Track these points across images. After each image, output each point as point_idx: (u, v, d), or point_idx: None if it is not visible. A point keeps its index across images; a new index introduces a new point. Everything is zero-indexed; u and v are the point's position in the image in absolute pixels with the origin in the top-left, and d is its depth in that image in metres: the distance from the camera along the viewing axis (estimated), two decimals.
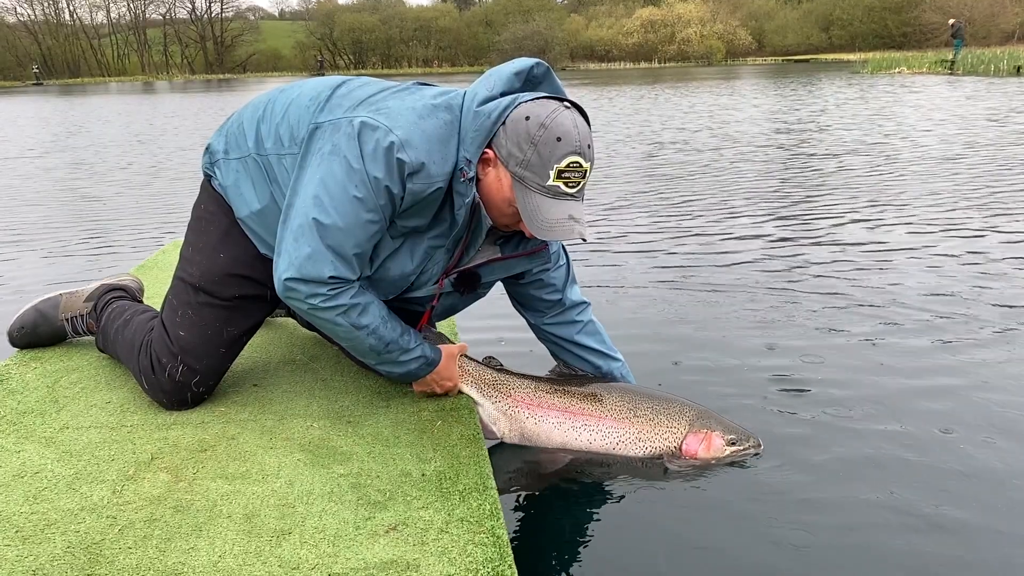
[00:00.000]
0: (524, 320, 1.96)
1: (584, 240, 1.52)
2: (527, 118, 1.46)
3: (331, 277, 1.51)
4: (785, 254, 3.87)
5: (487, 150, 1.51)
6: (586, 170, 1.48)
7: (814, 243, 4.06)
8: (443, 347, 1.78)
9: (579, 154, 1.46)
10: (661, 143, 8.87)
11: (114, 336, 1.97)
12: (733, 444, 1.82)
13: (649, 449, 1.81)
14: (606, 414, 1.82)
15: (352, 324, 1.56)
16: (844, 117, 11.02)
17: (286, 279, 1.52)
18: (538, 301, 1.86)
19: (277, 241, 1.56)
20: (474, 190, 1.53)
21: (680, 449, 1.80)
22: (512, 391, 1.86)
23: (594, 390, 1.87)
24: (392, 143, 1.45)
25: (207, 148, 1.78)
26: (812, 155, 7.39)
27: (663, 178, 6.38)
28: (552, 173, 1.46)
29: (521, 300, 1.90)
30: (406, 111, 1.50)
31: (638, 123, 11.40)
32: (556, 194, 1.47)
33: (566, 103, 1.49)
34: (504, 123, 1.48)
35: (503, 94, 1.52)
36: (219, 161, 1.74)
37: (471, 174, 1.50)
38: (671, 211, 5.07)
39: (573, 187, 1.48)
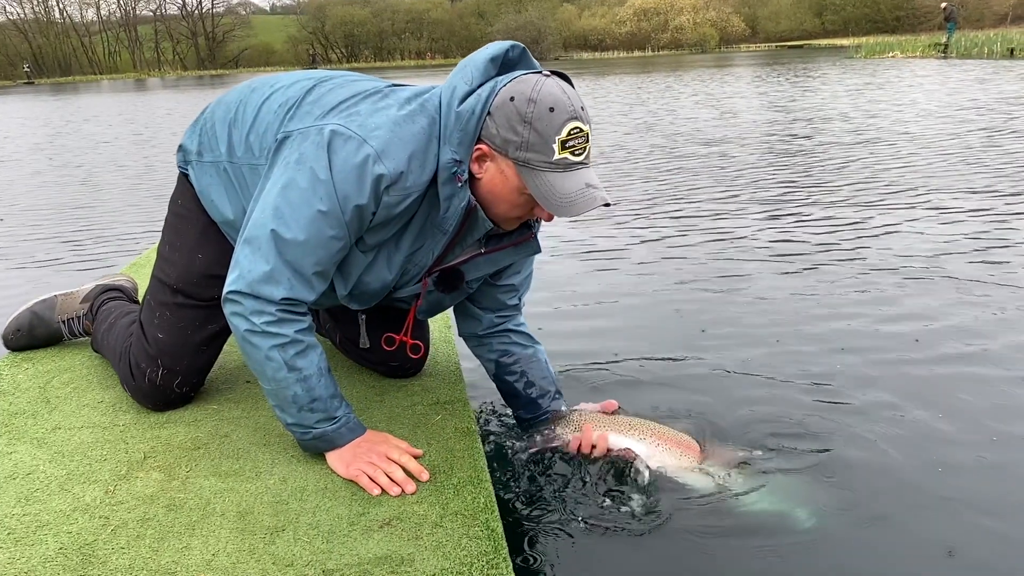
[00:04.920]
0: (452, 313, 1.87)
1: (608, 205, 1.43)
2: (512, 99, 1.37)
3: (283, 299, 1.40)
4: (824, 246, 3.75)
5: (479, 146, 1.42)
6: (587, 133, 1.40)
7: (856, 238, 3.89)
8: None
9: (577, 118, 1.38)
10: (674, 134, 8.62)
11: (101, 339, 1.96)
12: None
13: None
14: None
15: (285, 362, 1.42)
16: (860, 104, 10.75)
17: (234, 291, 1.41)
18: (498, 303, 1.78)
19: (234, 252, 1.47)
20: (468, 194, 1.45)
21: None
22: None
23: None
24: (368, 156, 1.36)
25: (180, 146, 1.72)
26: (841, 145, 7.14)
27: (684, 172, 6.18)
28: (556, 147, 1.37)
29: (480, 299, 1.79)
30: (380, 118, 1.41)
31: (644, 114, 11.20)
32: (567, 166, 1.39)
33: (544, 72, 1.42)
34: (490, 112, 1.40)
35: (482, 84, 1.43)
36: (193, 162, 1.68)
37: (465, 177, 1.42)
38: (694, 205, 4.93)
39: (580, 153, 1.39)
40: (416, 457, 1.52)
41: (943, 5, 27.66)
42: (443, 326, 2.35)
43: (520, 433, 1.81)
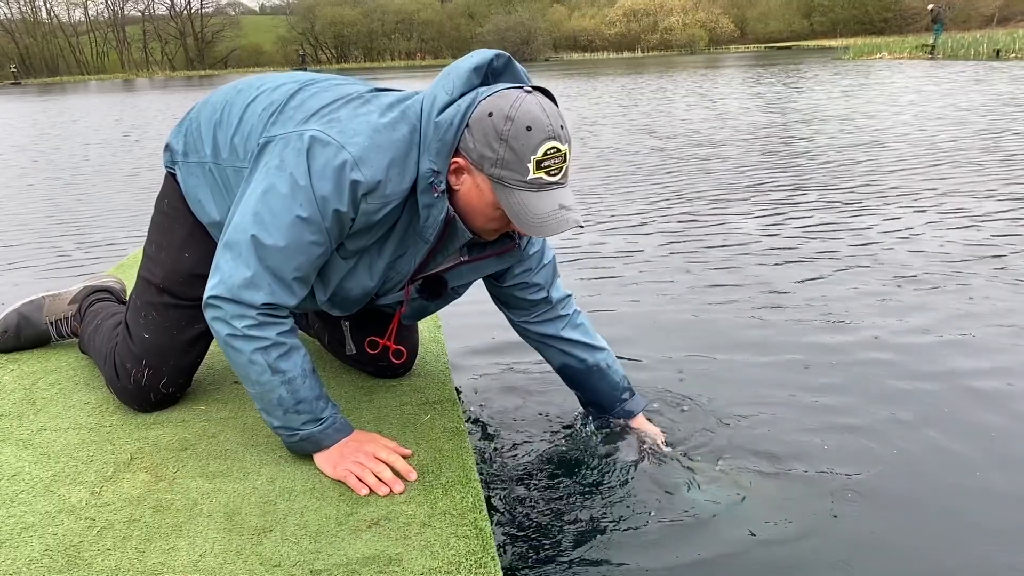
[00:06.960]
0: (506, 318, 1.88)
1: (582, 227, 1.43)
2: (490, 114, 1.36)
3: (264, 304, 1.40)
4: (831, 251, 3.72)
5: (456, 159, 1.41)
6: (565, 153, 1.39)
7: (862, 242, 3.86)
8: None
9: (554, 138, 1.36)
10: (671, 136, 8.54)
11: (88, 340, 1.95)
12: None
13: None
14: None
15: (269, 365, 1.42)
16: (856, 105, 10.69)
17: (215, 295, 1.41)
18: (523, 301, 1.78)
19: (215, 256, 1.46)
20: (447, 205, 1.44)
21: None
22: None
23: None
24: (344, 162, 1.35)
25: (167, 146, 1.71)
26: (842, 147, 7.07)
27: (684, 174, 6.11)
28: (531, 166, 1.36)
29: (505, 300, 1.80)
30: (360, 124, 1.39)
31: (639, 115, 11.15)
32: (541, 186, 1.38)
33: (527, 88, 1.40)
34: (468, 125, 1.39)
35: (463, 95, 1.42)
36: (179, 162, 1.67)
37: (442, 188, 1.42)
38: (696, 208, 4.88)
39: (556, 174, 1.38)
40: (404, 457, 1.52)
41: (930, 7, 27.87)
42: (432, 326, 2.34)
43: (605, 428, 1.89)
